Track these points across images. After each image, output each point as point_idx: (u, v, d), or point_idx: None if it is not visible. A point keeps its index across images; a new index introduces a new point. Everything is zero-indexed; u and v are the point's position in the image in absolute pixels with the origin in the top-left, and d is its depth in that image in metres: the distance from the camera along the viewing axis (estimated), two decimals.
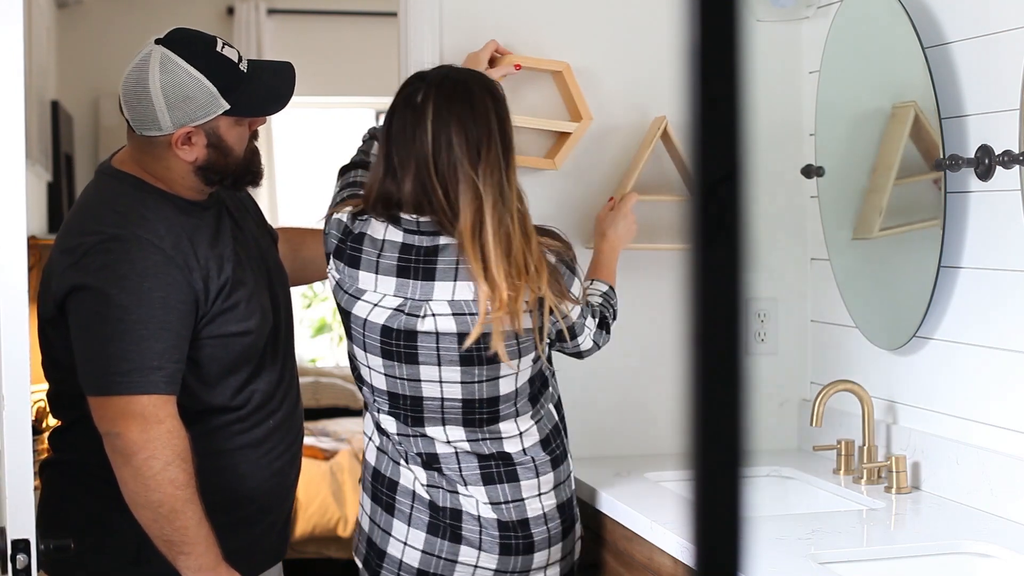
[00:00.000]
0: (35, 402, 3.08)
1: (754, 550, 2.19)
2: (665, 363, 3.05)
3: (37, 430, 2.96)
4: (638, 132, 2.99)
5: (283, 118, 6.54)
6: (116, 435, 2.17)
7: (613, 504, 2.63)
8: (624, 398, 3.04)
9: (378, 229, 2.40)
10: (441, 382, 2.40)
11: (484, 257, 2.30)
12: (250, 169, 2.37)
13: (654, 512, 2.50)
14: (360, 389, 2.53)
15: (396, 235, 2.38)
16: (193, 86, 2.23)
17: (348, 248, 2.42)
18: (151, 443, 2.16)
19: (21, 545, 1.74)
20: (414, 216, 2.36)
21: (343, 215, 2.45)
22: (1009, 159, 2.35)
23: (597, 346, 2.59)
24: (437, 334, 2.36)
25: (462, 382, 2.39)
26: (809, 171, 2.98)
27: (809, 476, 2.85)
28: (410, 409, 2.43)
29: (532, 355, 2.42)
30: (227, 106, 2.26)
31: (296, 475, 2.51)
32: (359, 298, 2.41)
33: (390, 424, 2.46)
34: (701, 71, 0.65)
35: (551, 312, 2.39)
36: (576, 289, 2.45)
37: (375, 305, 2.40)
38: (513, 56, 2.86)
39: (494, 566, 2.44)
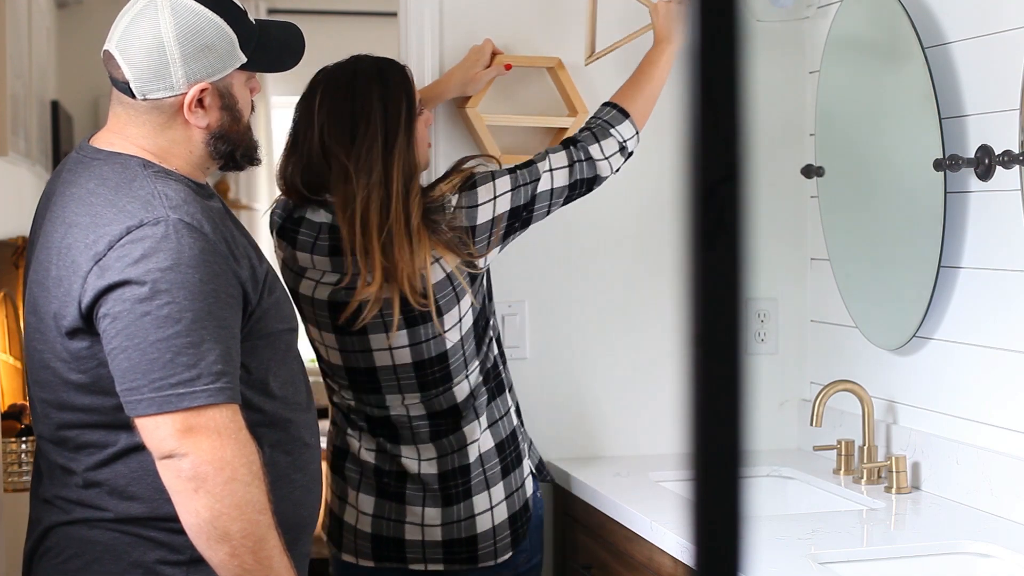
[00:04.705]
0: None
1: (754, 550, 2.19)
2: (665, 363, 3.05)
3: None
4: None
5: (285, 116, 6.53)
6: (183, 457, 1.82)
7: (613, 504, 2.63)
8: (624, 398, 3.04)
9: (316, 212, 2.48)
10: (391, 349, 2.46)
11: (355, 233, 2.37)
12: (253, 143, 2.08)
13: (654, 512, 2.50)
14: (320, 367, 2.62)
15: (327, 218, 2.47)
16: (213, 33, 1.93)
17: (290, 228, 2.50)
18: (230, 462, 1.82)
19: None
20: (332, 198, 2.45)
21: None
22: (1009, 159, 2.35)
23: (599, 165, 2.53)
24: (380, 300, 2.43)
25: (410, 344, 2.46)
26: (809, 171, 2.98)
27: (809, 476, 2.85)
28: (366, 381, 2.51)
29: (466, 298, 2.46)
30: (244, 59, 1.97)
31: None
32: (303, 276, 2.50)
33: (346, 397, 2.56)
34: (701, 71, 0.65)
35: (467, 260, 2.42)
36: (506, 184, 2.44)
37: (317, 282, 2.48)
38: (504, 56, 2.86)
39: (439, 520, 2.52)
